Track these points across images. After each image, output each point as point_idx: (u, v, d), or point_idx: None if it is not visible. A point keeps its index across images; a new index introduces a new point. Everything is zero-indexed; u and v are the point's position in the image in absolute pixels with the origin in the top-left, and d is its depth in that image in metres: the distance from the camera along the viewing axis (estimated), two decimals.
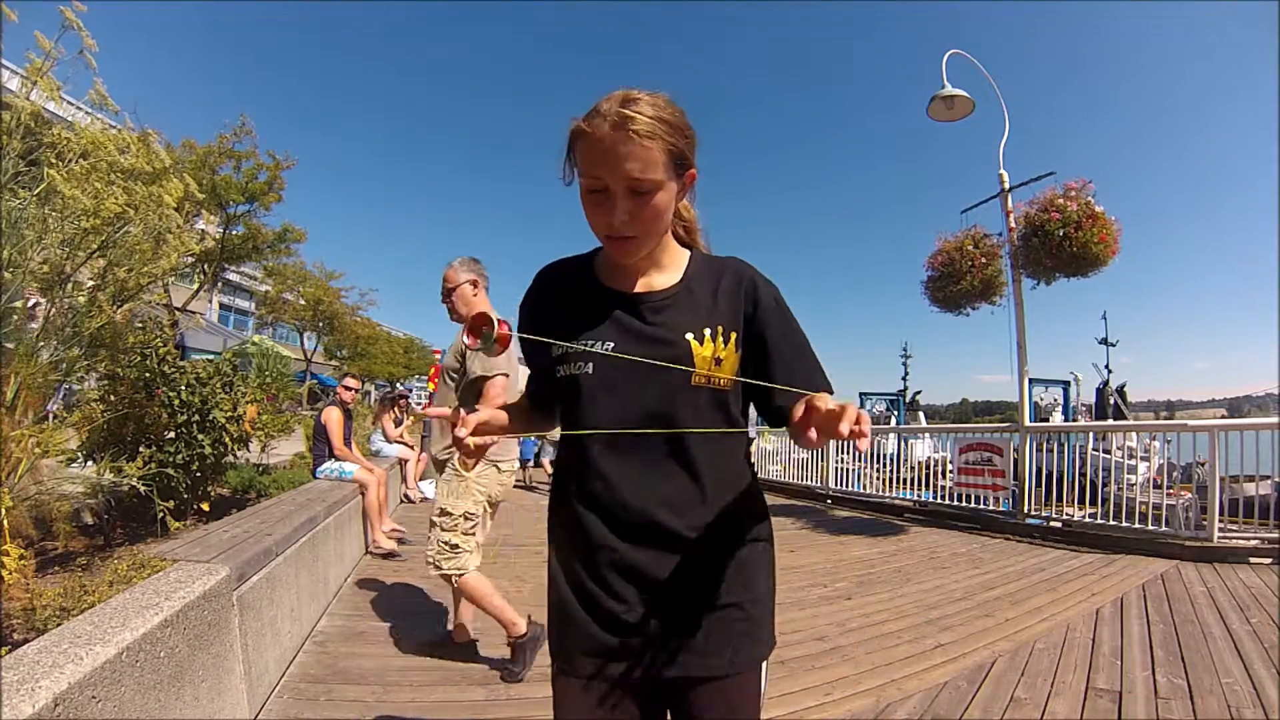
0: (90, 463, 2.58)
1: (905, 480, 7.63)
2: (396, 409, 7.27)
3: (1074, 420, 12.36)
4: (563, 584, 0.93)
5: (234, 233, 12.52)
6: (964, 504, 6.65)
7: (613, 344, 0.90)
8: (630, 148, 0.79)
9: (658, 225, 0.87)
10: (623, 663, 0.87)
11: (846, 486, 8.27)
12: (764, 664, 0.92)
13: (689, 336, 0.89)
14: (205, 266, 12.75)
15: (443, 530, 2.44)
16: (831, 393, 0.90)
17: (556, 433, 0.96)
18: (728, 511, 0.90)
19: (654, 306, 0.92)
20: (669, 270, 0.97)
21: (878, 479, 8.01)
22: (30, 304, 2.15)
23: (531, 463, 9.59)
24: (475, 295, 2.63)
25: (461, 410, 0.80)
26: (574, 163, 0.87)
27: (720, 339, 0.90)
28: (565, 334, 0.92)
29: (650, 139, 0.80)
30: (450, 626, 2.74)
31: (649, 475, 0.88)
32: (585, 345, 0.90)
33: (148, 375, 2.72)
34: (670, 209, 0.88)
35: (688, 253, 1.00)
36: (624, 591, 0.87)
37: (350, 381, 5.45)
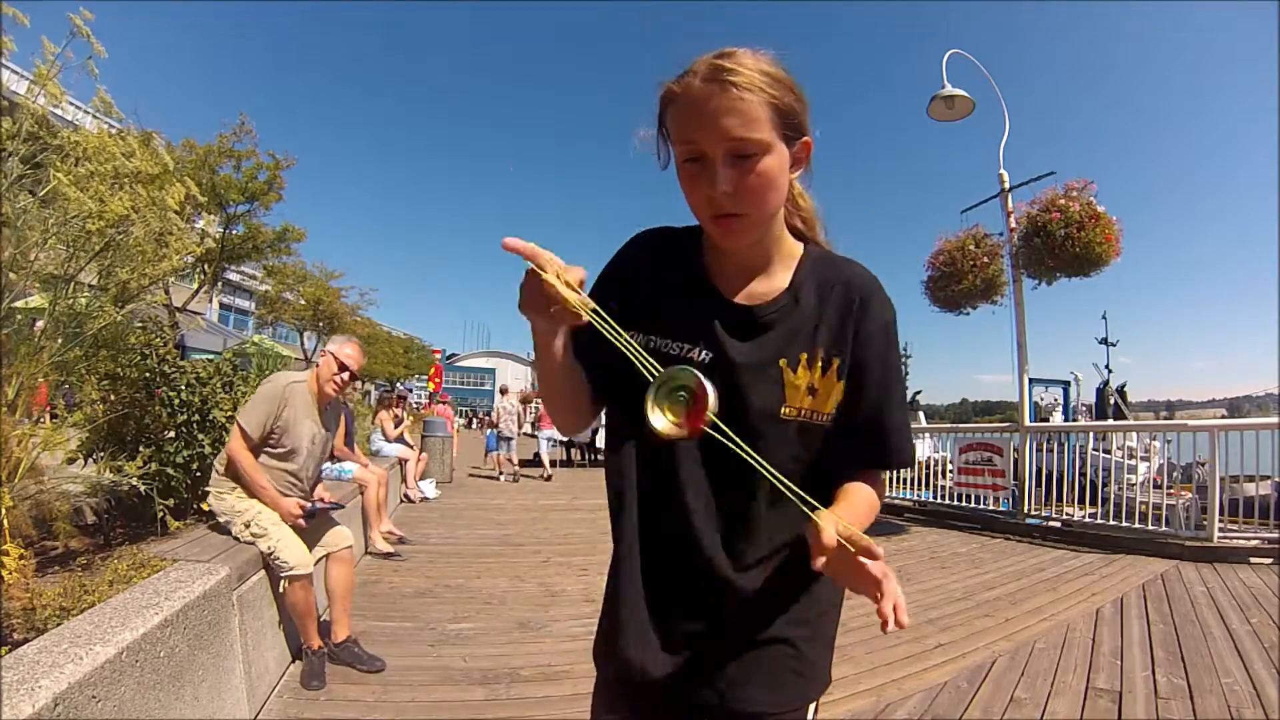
0: (91, 461, 2.59)
1: (905, 480, 7.63)
2: (396, 408, 7.28)
3: (1074, 420, 12.36)
4: (617, 597, 0.86)
5: (234, 232, 12.51)
6: (964, 504, 6.65)
7: (710, 355, 0.79)
8: (727, 101, 0.68)
9: (767, 200, 0.73)
10: (664, 685, 0.82)
11: None
12: (813, 705, 0.84)
13: (783, 362, 0.78)
14: (205, 266, 12.73)
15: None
16: (890, 465, 0.82)
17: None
18: (803, 548, 0.82)
19: (759, 322, 0.80)
20: (779, 271, 0.82)
21: None
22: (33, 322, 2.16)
23: (499, 453, 10.06)
24: None
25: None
26: (667, 136, 0.75)
27: (820, 365, 0.78)
28: (658, 321, 0.81)
29: (750, 91, 0.68)
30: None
31: (722, 501, 0.79)
32: (681, 348, 0.79)
33: (148, 375, 2.72)
34: (783, 181, 0.74)
35: (801, 248, 0.85)
36: (677, 616, 0.82)
37: None
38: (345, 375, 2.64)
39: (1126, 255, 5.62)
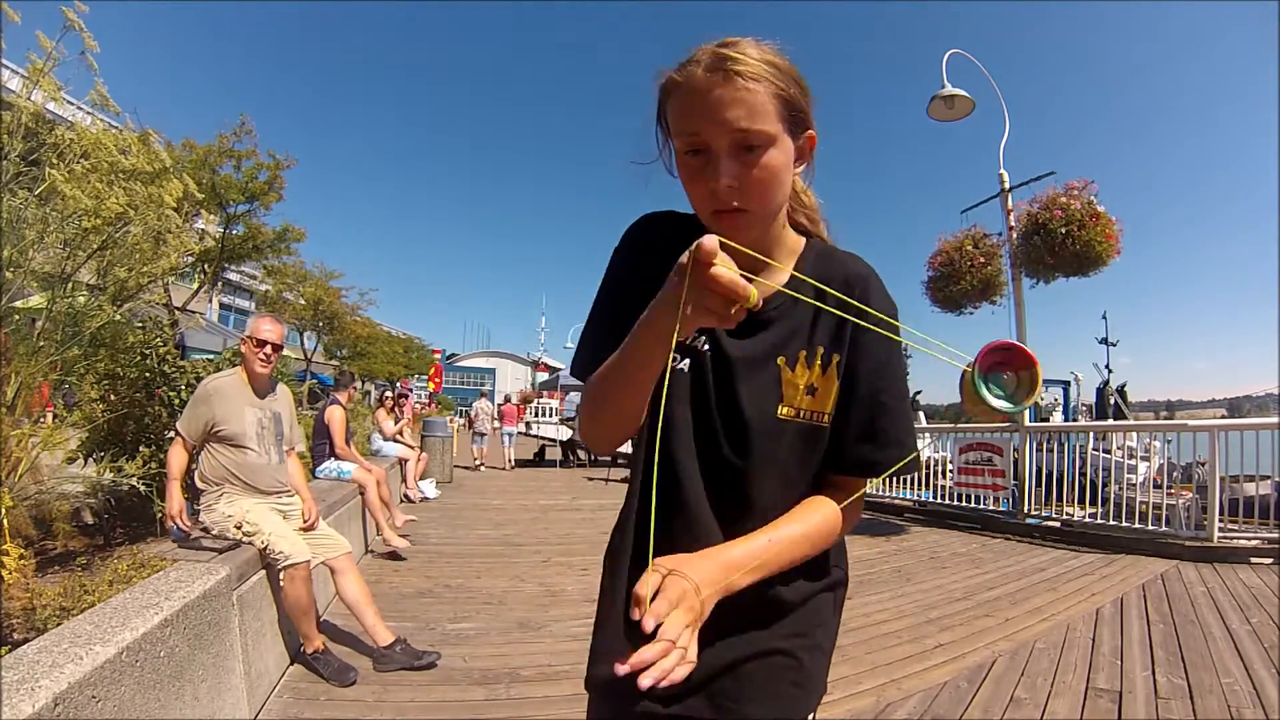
0: (91, 462, 2.59)
1: (905, 480, 7.63)
2: (395, 407, 7.27)
3: (1074, 420, 12.35)
4: (610, 608, 0.83)
5: (234, 232, 12.51)
6: (964, 504, 6.65)
7: (710, 348, 0.77)
8: (732, 91, 0.65)
9: (773, 194, 0.70)
10: (661, 701, 0.78)
11: None
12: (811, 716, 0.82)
13: (781, 360, 0.75)
14: (205, 266, 12.74)
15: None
16: (874, 472, 0.77)
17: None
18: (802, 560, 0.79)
19: (758, 318, 0.76)
20: (780, 267, 0.78)
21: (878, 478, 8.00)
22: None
23: (475, 446, 12.09)
24: None
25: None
26: (666, 129, 0.72)
27: (819, 363, 0.75)
28: None
29: (756, 80, 0.65)
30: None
31: (717, 505, 0.77)
32: (684, 337, 0.74)
33: (148, 375, 2.73)
34: (787, 175, 0.71)
35: (803, 243, 0.82)
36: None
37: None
38: (268, 348, 2.63)
39: (1126, 255, 5.64)
